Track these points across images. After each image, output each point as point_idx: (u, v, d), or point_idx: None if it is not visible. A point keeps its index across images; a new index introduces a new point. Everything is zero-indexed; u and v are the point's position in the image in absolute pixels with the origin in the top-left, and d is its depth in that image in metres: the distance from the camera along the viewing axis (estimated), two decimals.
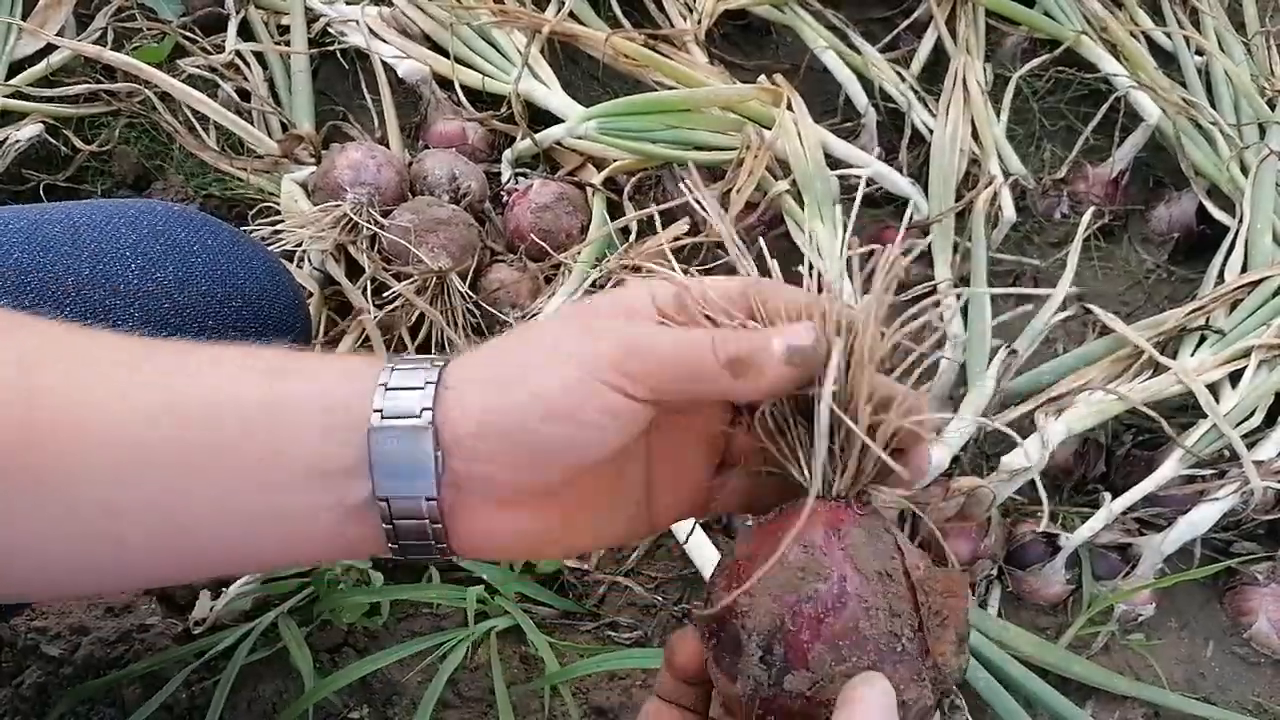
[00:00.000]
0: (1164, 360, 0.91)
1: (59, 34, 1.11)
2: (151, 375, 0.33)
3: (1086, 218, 1.05)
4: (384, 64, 1.09)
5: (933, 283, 1.03)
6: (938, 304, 0.39)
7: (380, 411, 0.33)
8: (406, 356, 0.35)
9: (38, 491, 0.31)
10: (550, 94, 1.06)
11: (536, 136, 1.03)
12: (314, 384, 0.34)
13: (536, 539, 0.36)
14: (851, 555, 0.34)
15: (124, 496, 0.32)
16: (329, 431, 0.33)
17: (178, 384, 0.33)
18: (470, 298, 0.91)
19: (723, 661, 0.34)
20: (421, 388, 0.33)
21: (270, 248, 0.89)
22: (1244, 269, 1.02)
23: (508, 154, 1.05)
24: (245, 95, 1.10)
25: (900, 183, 1.06)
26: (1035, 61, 1.19)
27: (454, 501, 0.34)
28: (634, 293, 0.36)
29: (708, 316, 0.36)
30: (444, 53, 1.10)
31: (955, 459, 0.89)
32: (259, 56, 1.13)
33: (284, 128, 1.06)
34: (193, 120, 1.08)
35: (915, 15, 1.23)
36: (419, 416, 0.32)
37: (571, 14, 1.13)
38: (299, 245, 0.90)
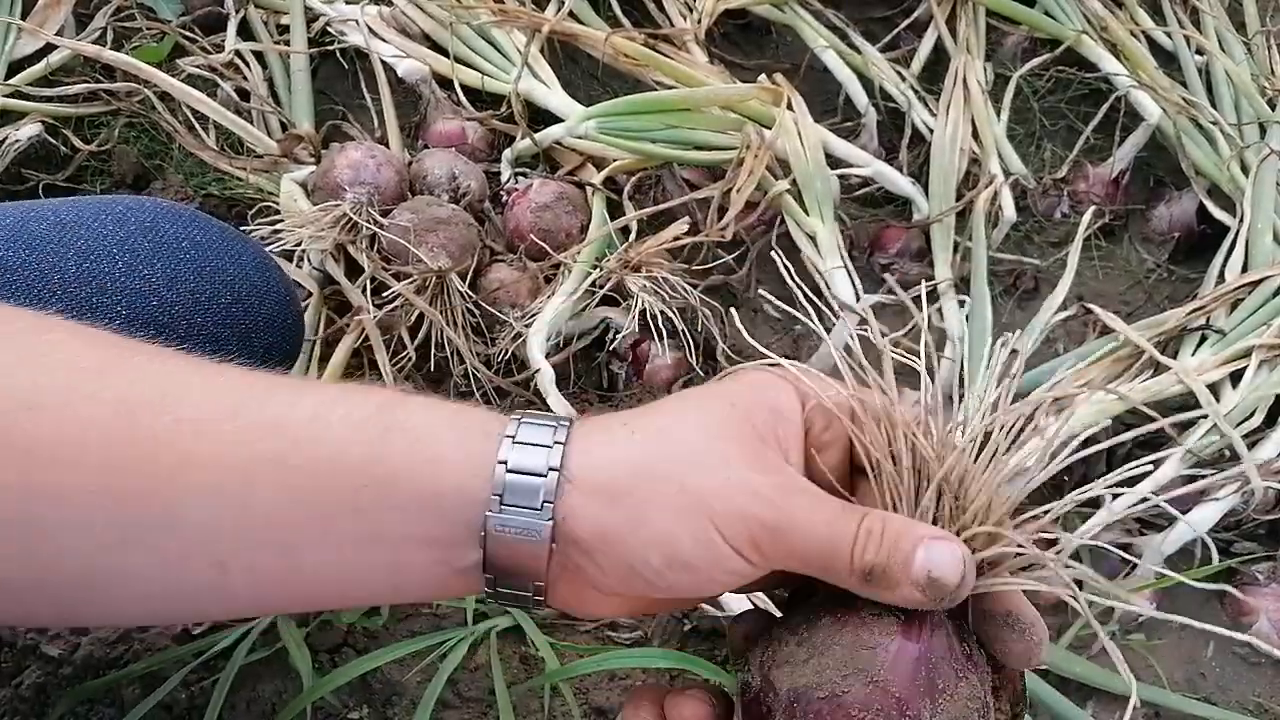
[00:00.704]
0: (1164, 360, 0.91)
1: (58, 33, 1.11)
2: (255, 430, 0.32)
3: (1087, 217, 1.05)
4: (383, 63, 1.09)
5: (933, 283, 1.03)
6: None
7: (499, 497, 0.32)
8: (528, 418, 0.34)
9: (148, 541, 0.31)
10: (550, 93, 1.05)
11: (536, 136, 1.03)
12: (425, 448, 0.33)
13: (627, 613, 0.38)
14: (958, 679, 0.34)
15: (232, 554, 0.32)
16: (441, 512, 0.33)
17: (282, 444, 0.32)
18: (470, 297, 0.91)
19: None
20: (544, 475, 0.32)
21: (269, 247, 0.89)
22: (1245, 269, 1.02)
23: (507, 153, 1.05)
24: (245, 95, 1.10)
25: (900, 182, 1.06)
26: (1035, 61, 1.19)
27: (558, 577, 0.34)
28: (781, 393, 0.35)
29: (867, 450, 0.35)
30: (444, 52, 1.10)
31: None
32: (258, 56, 1.13)
33: (283, 127, 1.06)
34: (192, 120, 1.08)
35: (915, 15, 1.23)
36: (540, 510, 0.32)
37: (571, 13, 1.13)
38: (298, 245, 0.90)
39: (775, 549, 0.33)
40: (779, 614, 0.37)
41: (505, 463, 0.32)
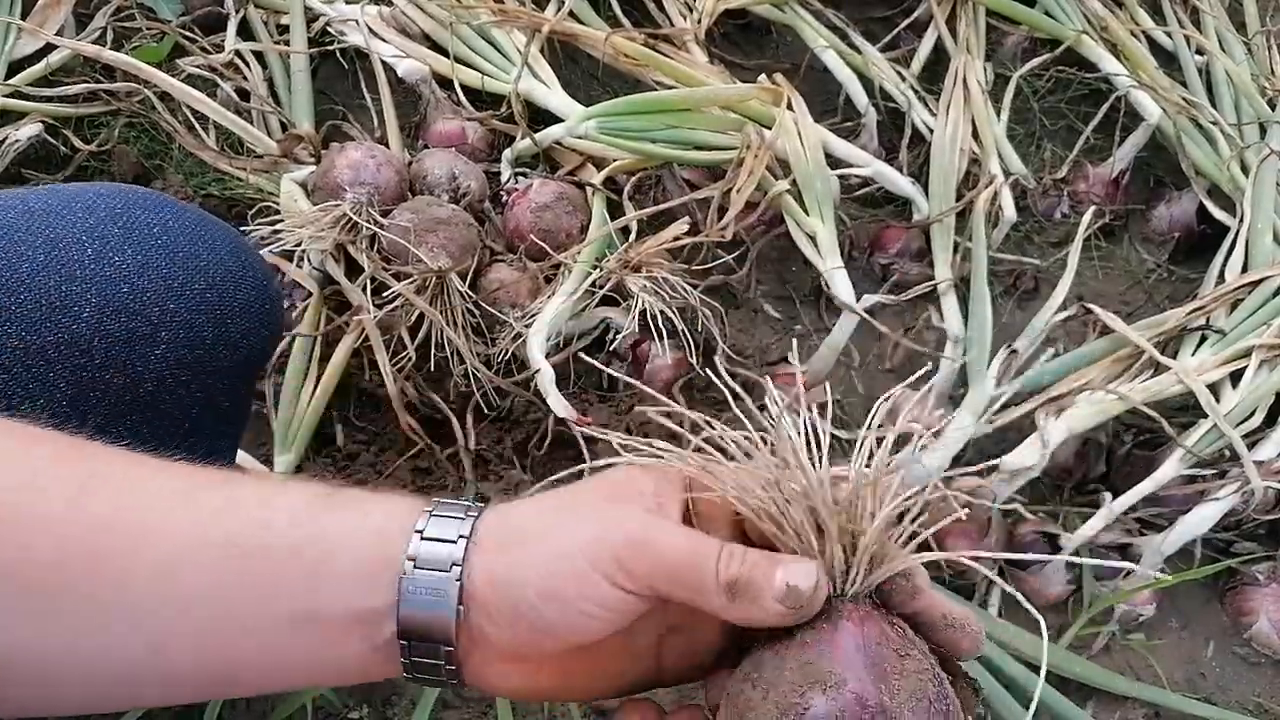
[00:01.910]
0: (1164, 360, 0.91)
1: (58, 33, 1.11)
2: (203, 512, 0.35)
3: (1087, 217, 1.05)
4: (383, 63, 1.09)
5: (933, 282, 1.03)
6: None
7: (414, 560, 0.35)
8: (446, 502, 0.36)
9: (93, 615, 0.33)
10: (550, 93, 1.05)
11: (536, 136, 1.03)
12: (356, 528, 0.36)
13: (535, 692, 0.38)
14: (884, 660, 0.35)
15: (170, 634, 0.34)
16: (368, 578, 0.35)
17: (226, 523, 0.35)
18: (470, 297, 0.91)
19: None
20: (454, 541, 0.35)
21: (269, 247, 0.89)
22: (1244, 269, 1.02)
23: (507, 153, 1.05)
24: (245, 95, 1.10)
25: (900, 182, 1.06)
26: (1036, 61, 1.19)
27: (468, 648, 0.36)
28: (663, 482, 0.37)
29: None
30: (444, 52, 1.09)
31: (956, 459, 0.89)
32: (258, 56, 1.13)
33: (283, 127, 1.06)
34: (192, 120, 1.08)
35: (915, 15, 1.23)
36: (448, 571, 0.34)
37: (571, 13, 1.13)
38: (298, 245, 0.90)
39: (640, 564, 0.34)
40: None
41: (420, 531, 0.35)
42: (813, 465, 0.38)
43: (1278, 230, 1.04)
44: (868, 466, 0.38)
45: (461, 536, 0.35)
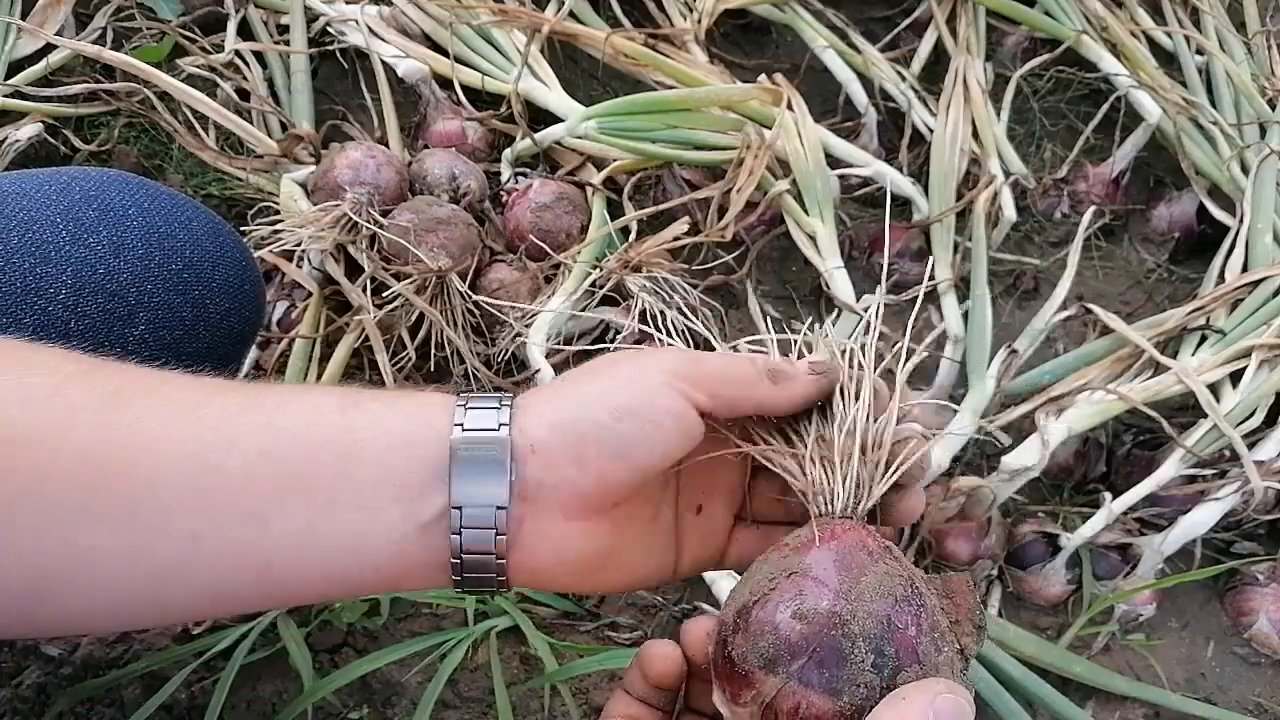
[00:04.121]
0: (1164, 360, 0.91)
1: (58, 33, 1.11)
2: (232, 408, 0.34)
3: (1087, 217, 1.05)
4: (383, 63, 1.09)
5: (933, 282, 1.03)
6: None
7: (460, 425, 0.35)
8: (477, 393, 0.37)
9: (120, 521, 0.32)
10: (550, 93, 1.05)
11: (536, 136, 1.03)
12: (392, 407, 0.36)
13: (586, 563, 0.37)
14: (863, 590, 0.36)
15: (204, 525, 0.33)
16: (411, 445, 0.34)
17: (256, 418, 0.34)
18: (470, 297, 0.91)
19: (809, 677, 0.34)
20: (497, 407, 0.36)
21: (269, 247, 0.89)
22: (1245, 268, 1.02)
23: (507, 153, 1.05)
24: (245, 95, 1.10)
25: (900, 182, 1.06)
26: (1036, 61, 1.19)
27: (521, 514, 0.35)
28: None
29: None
30: (444, 52, 1.10)
31: (956, 459, 0.89)
32: (258, 56, 1.13)
33: (283, 127, 1.06)
34: (192, 120, 1.08)
35: (916, 14, 1.23)
36: (497, 430, 0.35)
37: (571, 13, 1.13)
38: (298, 245, 0.90)
39: (696, 373, 0.37)
40: None
41: (464, 405, 0.36)
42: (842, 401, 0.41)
43: (1278, 230, 1.04)
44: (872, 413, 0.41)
45: (504, 404, 0.36)
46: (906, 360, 0.43)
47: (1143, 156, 1.17)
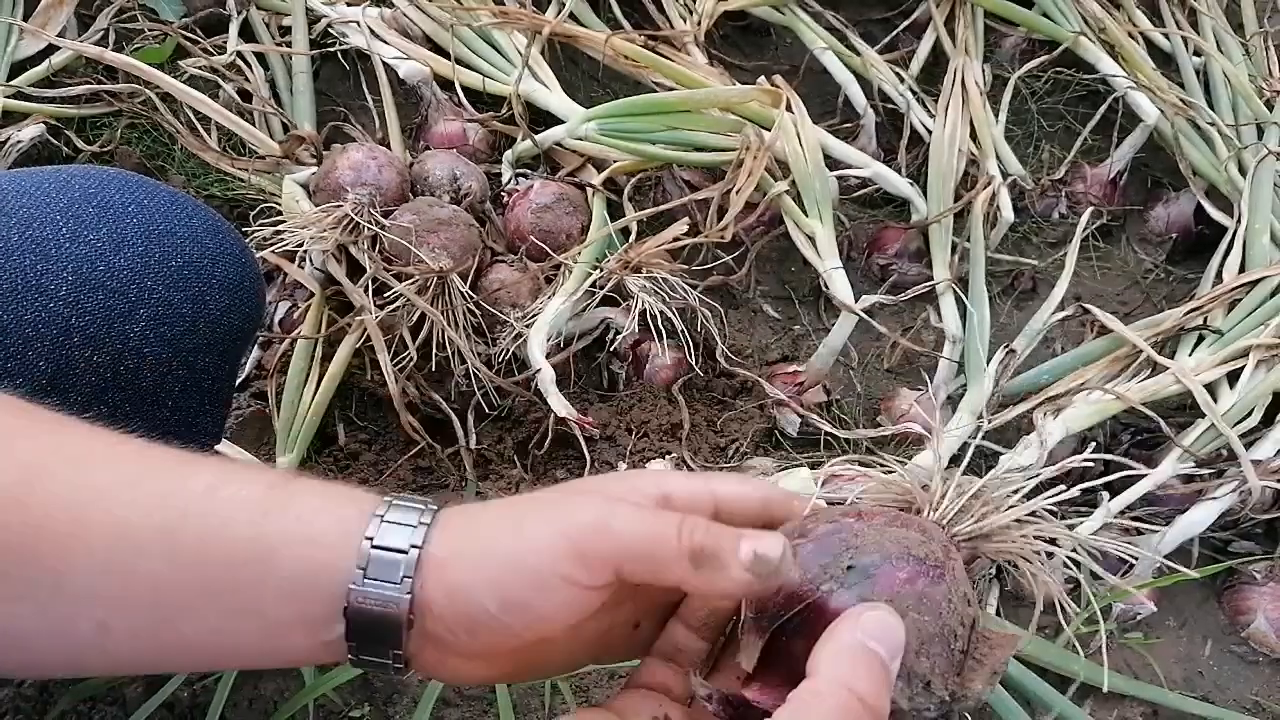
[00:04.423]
0: (1162, 360, 0.91)
1: (60, 35, 1.12)
2: (149, 500, 0.34)
3: (1085, 218, 1.05)
4: (385, 65, 1.09)
5: (931, 283, 1.03)
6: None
7: (363, 570, 0.34)
8: (399, 501, 0.35)
9: (39, 599, 0.33)
10: (550, 95, 1.06)
11: (537, 137, 1.03)
12: (304, 528, 0.35)
13: (487, 680, 0.38)
14: (958, 562, 0.38)
15: (114, 618, 0.34)
16: (314, 589, 0.34)
17: (172, 515, 0.34)
18: (471, 298, 0.91)
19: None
20: (405, 551, 0.34)
21: (271, 248, 0.90)
22: (1242, 269, 1.02)
23: (508, 155, 1.05)
24: (246, 96, 1.10)
25: (899, 183, 1.06)
26: (1034, 62, 1.19)
27: (420, 647, 0.35)
28: (639, 481, 0.38)
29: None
30: (445, 54, 1.10)
31: (954, 458, 0.89)
32: (260, 57, 1.13)
33: (285, 128, 1.07)
34: (194, 121, 1.08)
35: (914, 16, 1.24)
36: (399, 584, 0.34)
37: (571, 15, 1.14)
38: (300, 245, 0.90)
39: (600, 547, 0.33)
40: None
41: (371, 539, 0.34)
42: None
43: (1275, 230, 1.05)
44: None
45: (414, 546, 0.34)
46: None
47: (1140, 157, 1.17)
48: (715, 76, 1.08)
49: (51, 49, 1.10)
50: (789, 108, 1.01)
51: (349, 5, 1.14)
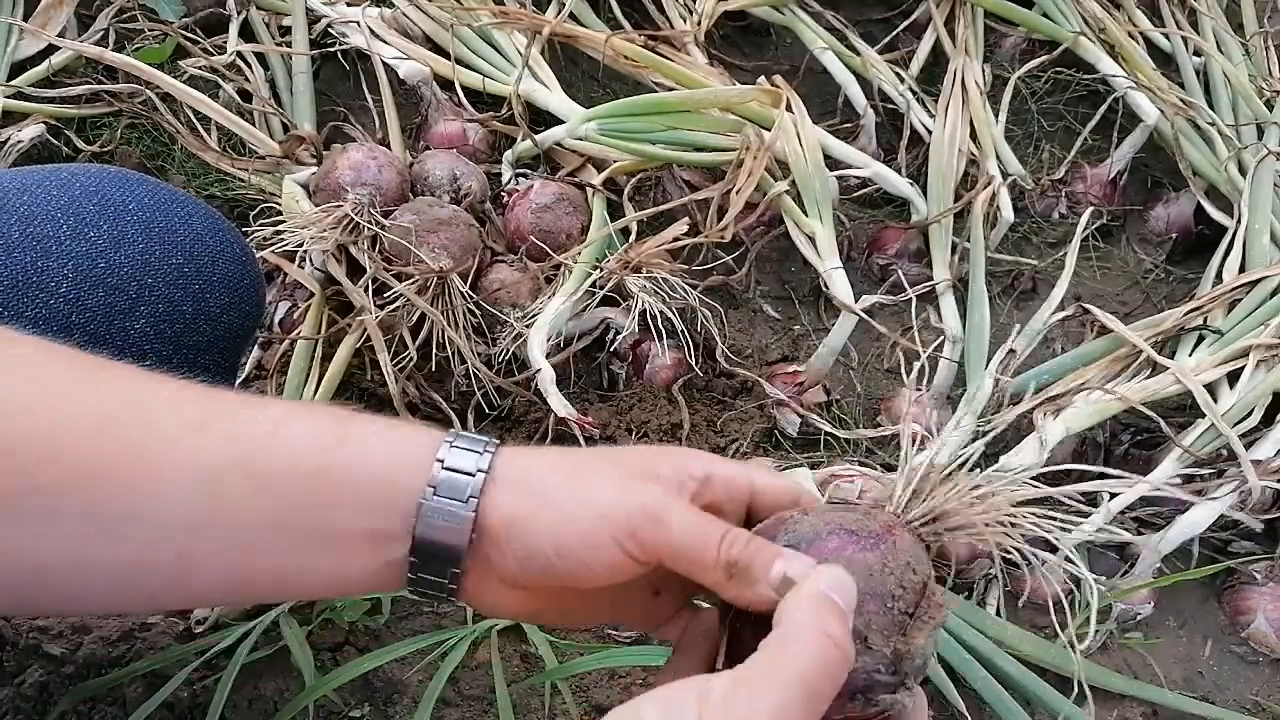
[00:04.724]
0: (1162, 360, 0.91)
1: (60, 35, 1.12)
2: (220, 438, 0.36)
3: (1085, 218, 1.05)
4: (385, 65, 1.09)
5: (931, 283, 1.03)
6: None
7: (434, 489, 0.36)
8: (465, 434, 0.38)
9: (121, 533, 0.35)
10: (550, 95, 1.06)
11: (537, 137, 1.03)
12: (372, 455, 0.37)
13: (520, 615, 0.42)
14: (900, 537, 0.40)
15: (196, 545, 0.36)
16: (387, 504, 0.37)
17: (246, 448, 0.36)
18: (471, 298, 0.91)
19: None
20: (472, 474, 0.37)
21: (272, 248, 0.90)
22: (1242, 269, 1.02)
23: (508, 155, 1.05)
24: (246, 96, 1.10)
25: (899, 183, 1.06)
26: (1034, 62, 1.19)
27: (472, 569, 0.38)
28: (688, 462, 0.40)
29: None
30: (445, 54, 1.10)
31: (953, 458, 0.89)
32: (260, 57, 1.13)
33: (285, 128, 1.07)
34: (194, 121, 1.08)
35: (914, 16, 1.24)
36: (465, 503, 0.36)
37: (571, 15, 1.14)
38: (300, 245, 0.90)
39: (653, 536, 0.36)
40: None
41: (442, 461, 0.37)
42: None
43: (1275, 230, 1.05)
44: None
45: (480, 470, 0.37)
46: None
47: (1140, 157, 1.17)
48: (715, 76, 1.08)
49: (51, 49, 1.10)
50: (789, 108, 1.01)
51: (349, 5, 1.14)
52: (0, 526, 0.33)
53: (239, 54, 1.11)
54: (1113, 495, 0.87)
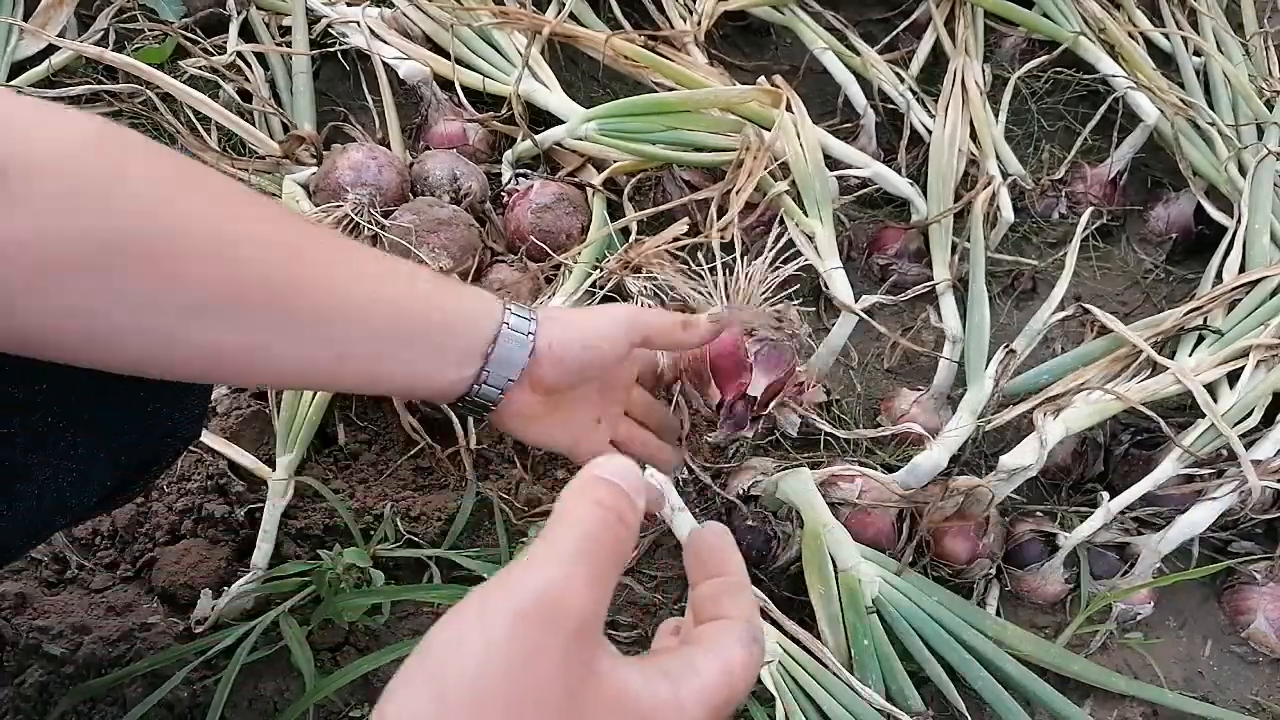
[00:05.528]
0: (1162, 360, 0.91)
1: (60, 35, 1.12)
2: (369, 273, 0.49)
3: (1085, 218, 1.05)
4: (385, 65, 1.09)
5: (931, 283, 1.03)
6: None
7: (507, 324, 0.53)
8: (516, 307, 0.54)
9: (298, 335, 0.47)
10: (550, 95, 1.06)
11: (537, 137, 1.03)
12: (471, 306, 0.53)
13: (526, 416, 0.56)
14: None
15: (350, 350, 0.48)
16: (479, 329, 0.53)
17: (385, 288, 0.50)
18: None
19: None
20: (529, 318, 0.54)
21: None
22: (1242, 269, 1.02)
23: (508, 155, 1.05)
24: (246, 96, 1.10)
25: (899, 183, 1.06)
26: (1034, 62, 1.19)
27: (518, 382, 0.54)
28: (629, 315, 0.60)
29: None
30: (445, 54, 1.10)
31: (954, 458, 0.89)
32: (260, 57, 1.13)
33: (285, 128, 1.07)
34: (194, 121, 1.08)
35: (914, 16, 1.24)
36: (528, 336, 0.54)
37: (572, 15, 1.14)
38: None
39: (638, 321, 0.58)
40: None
41: (510, 309, 0.54)
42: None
43: (1275, 230, 1.05)
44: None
45: (532, 318, 0.54)
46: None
47: (1140, 157, 1.18)
48: (715, 76, 1.08)
49: (51, 49, 1.10)
50: (789, 108, 1.01)
51: (349, 5, 1.14)
52: (222, 320, 0.44)
53: (239, 54, 1.11)
54: (1113, 495, 0.87)
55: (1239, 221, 1.05)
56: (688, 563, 0.42)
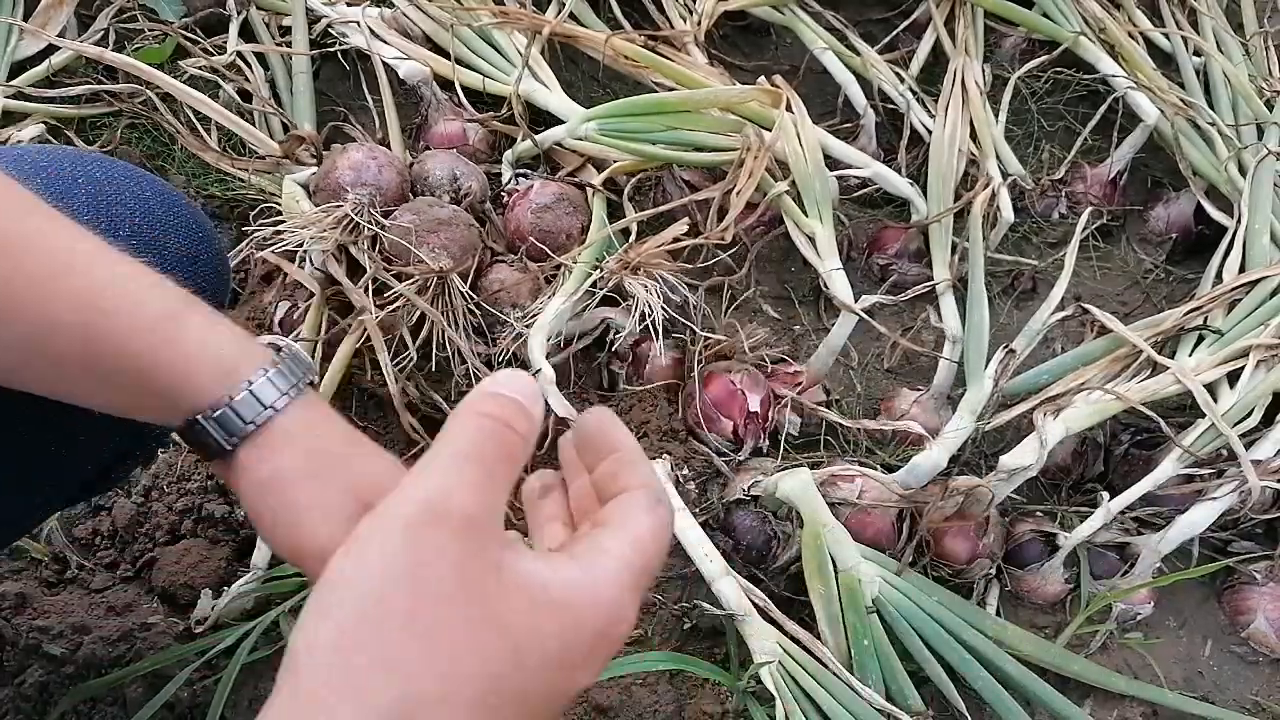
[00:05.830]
0: (1162, 360, 0.91)
1: (60, 35, 1.12)
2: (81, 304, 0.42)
3: (1085, 218, 1.05)
4: (385, 65, 1.09)
5: (931, 283, 1.03)
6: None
7: (249, 388, 0.42)
8: (283, 367, 0.43)
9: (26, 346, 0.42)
10: (550, 95, 1.06)
11: (537, 137, 1.03)
12: (212, 334, 0.43)
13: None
14: None
15: (70, 350, 0.42)
16: (179, 401, 0.43)
17: (94, 321, 0.42)
18: (471, 298, 0.91)
19: None
20: (266, 407, 0.42)
21: (271, 248, 0.90)
22: (1242, 269, 1.02)
23: (508, 155, 1.05)
24: (246, 96, 1.10)
25: (899, 183, 1.06)
26: (1034, 62, 1.19)
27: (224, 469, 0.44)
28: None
29: None
30: (445, 54, 1.10)
31: (954, 458, 0.89)
32: (260, 57, 1.13)
33: (285, 128, 1.07)
34: (194, 121, 1.08)
35: (914, 16, 1.24)
36: (250, 423, 0.42)
37: (572, 15, 1.14)
38: (300, 245, 0.90)
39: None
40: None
41: (251, 383, 0.42)
42: None
43: (1275, 230, 1.05)
44: None
45: (273, 407, 0.42)
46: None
47: (1140, 157, 1.17)
48: (715, 76, 1.08)
49: (51, 49, 1.10)
50: (789, 108, 1.01)
51: (349, 5, 1.14)
52: None
53: (239, 54, 1.11)
54: (1113, 495, 0.87)
55: (1239, 221, 1.05)
56: (574, 453, 0.42)
